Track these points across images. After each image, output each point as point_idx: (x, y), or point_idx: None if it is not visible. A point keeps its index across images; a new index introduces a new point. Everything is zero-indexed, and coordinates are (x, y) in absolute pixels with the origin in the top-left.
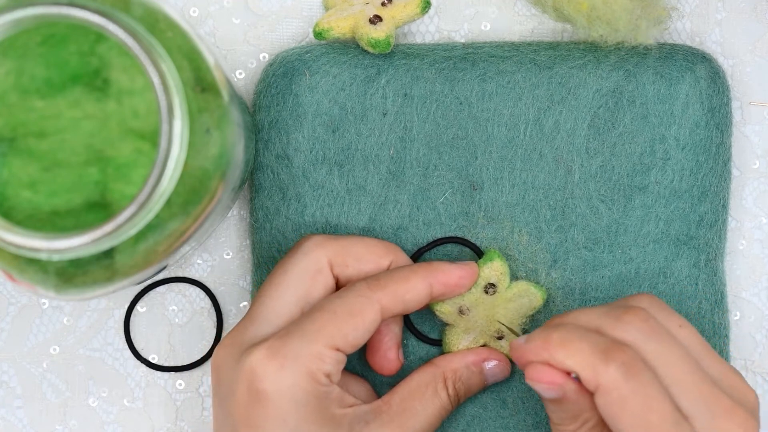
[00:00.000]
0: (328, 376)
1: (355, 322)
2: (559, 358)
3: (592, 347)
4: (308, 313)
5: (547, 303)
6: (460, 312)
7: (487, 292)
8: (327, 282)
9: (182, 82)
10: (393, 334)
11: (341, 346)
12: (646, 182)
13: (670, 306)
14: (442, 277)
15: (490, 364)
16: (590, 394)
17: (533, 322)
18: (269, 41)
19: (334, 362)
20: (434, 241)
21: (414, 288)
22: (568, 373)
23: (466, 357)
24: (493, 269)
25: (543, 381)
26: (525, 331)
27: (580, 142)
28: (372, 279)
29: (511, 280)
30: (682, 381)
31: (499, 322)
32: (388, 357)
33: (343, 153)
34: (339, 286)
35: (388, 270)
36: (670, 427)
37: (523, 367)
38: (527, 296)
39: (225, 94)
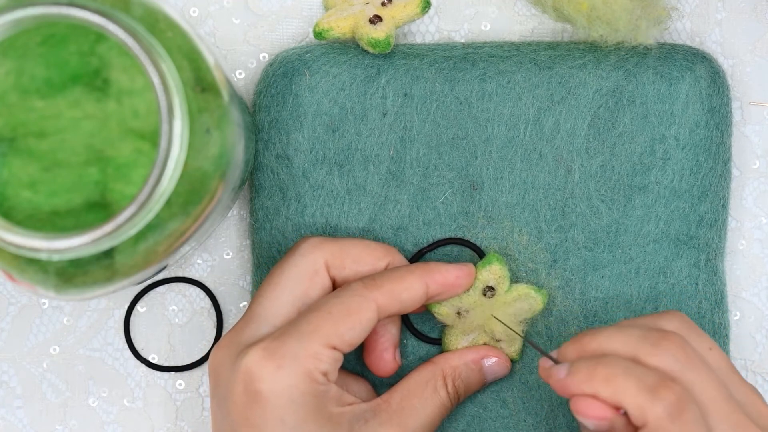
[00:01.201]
0: (325, 375)
1: (351, 321)
2: (605, 395)
3: (639, 384)
4: (304, 313)
5: (546, 303)
6: (459, 314)
7: (485, 295)
8: (324, 283)
9: (182, 82)
10: (390, 335)
11: (338, 345)
12: (646, 182)
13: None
14: (438, 277)
15: (490, 362)
16: (635, 428)
17: (533, 325)
18: (269, 41)
19: (331, 361)
20: (436, 242)
21: (410, 287)
22: (617, 408)
23: (465, 355)
24: (492, 272)
25: (593, 416)
26: (525, 333)
27: (580, 142)
28: (368, 278)
29: (512, 282)
30: (716, 411)
31: (496, 318)
32: (385, 358)
33: (343, 153)
34: (336, 287)
35: (385, 270)
36: None
37: (560, 393)
38: (527, 300)
39: (225, 94)
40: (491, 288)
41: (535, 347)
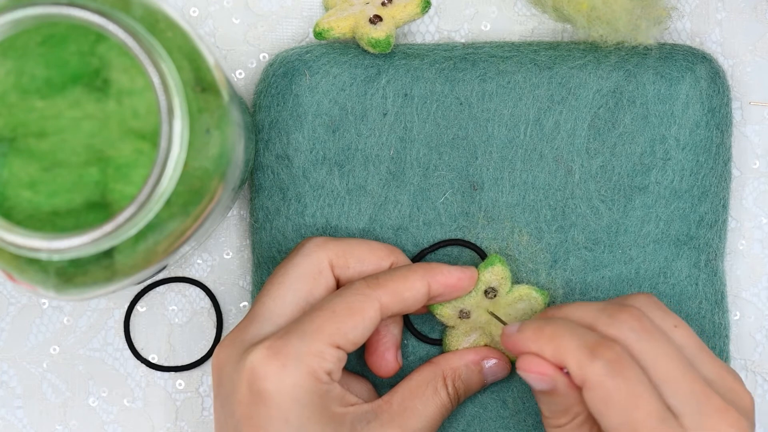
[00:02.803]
0: (329, 374)
1: (354, 320)
2: (547, 352)
3: (580, 343)
4: (308, 312)
5: (548, 303)
6: (460, 316)
7: (487, 296)
8: (328, 283)
9: (182, 82)
10: (392, 335)
11: (342, 344)
12: (646, 182)
13: (671, 306)
14: (440, 277)
15: (490, 363)
16: (580, 389)
17: None
18: (269, 41)
19: (335, 360)
20: (438, 243)
21: (413, 287)
22: (561, 368)
23: (465, 356)
24: (494, 273)
25: (533, 371)
26: None
27: (580, 143)
28: (371, 278)
29: (513, 283)
30: (672, 379)
31: (495, 316)
32: (386, 358)
33: (343, 153)
34: (340, 287)
35: (387, 270)
36: (655, 424)
37: (512, 352)
38: (528, 301)
39: (225, 94)
40: (493, 289)
41: (495, 317)
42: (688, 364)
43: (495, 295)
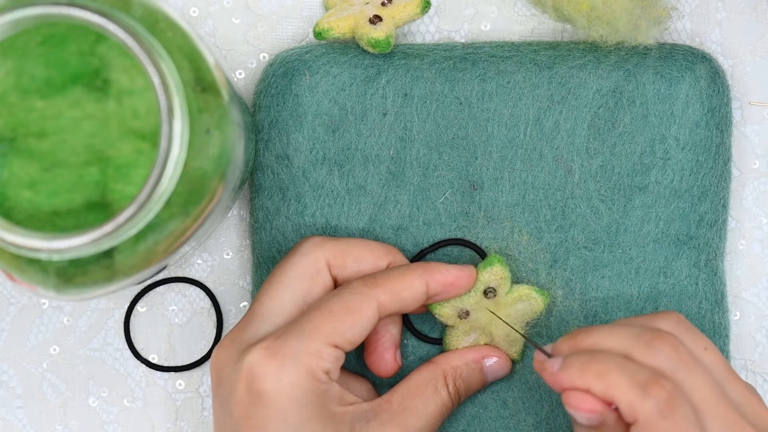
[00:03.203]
0: (327, 373)
1: (352, 319)
2: (597, 388)
3: (631, 380)
4: (306, 312)
5: (547, 303)
6: (460, 316)
7: (486, 296)
8: (326, 282)
9: (182, 82)
10: (390, 335)
11: (339, 343)
12: (646, 182)
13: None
14: (438, 276)
15: (490, 362)
16: (626, 424)
17: (534, 325)
18: (269, 41)
19: (333, 359)
20: (438, 243)
21: (411, 285)
22: (609, 403)
23: (465, 354)
24: (493, 273)
25: (584, 410)
26: (526, 334)
27: (580, 142)
28: (369, 277)
29: (513, 283)
30: (710, 410)
31: (495, 314)
32: (385, 358)
33: (343, 153)
34: (337, 287)
35: (385, 269)
36: None
37: (553, 387)
38: (528, 301)
39: (225, 94)
40: (492, 289)
41: (530, 342)
42: (722, 392)
43: (494, 295)
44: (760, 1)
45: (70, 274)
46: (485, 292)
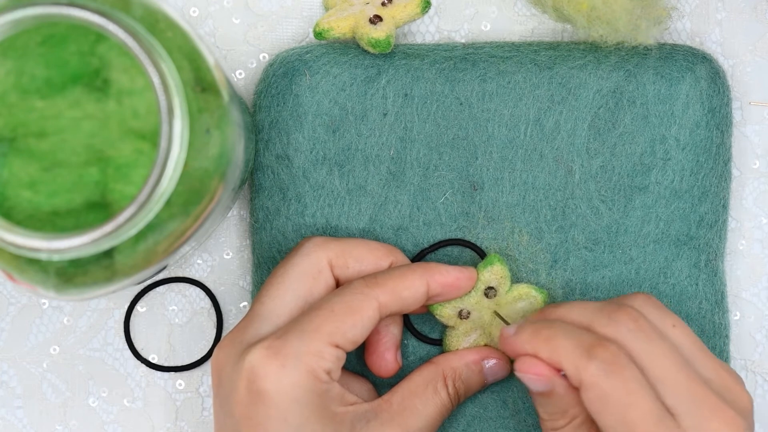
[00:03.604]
0: (328, 373)
1: (353, 319)
2: (544, 353)
3: (576, 343)
4: (307, 311)
5: (547, 302)
6: (460, 316)
7: (487, 296)
8: (327, 282)
9: (182, 82)
10: (391, 335)
11: (340, 343)
12: (646, 182)
13: (671, 306)
14: (439, 276)
15: (490, 363)
16: (578, 391)
17: None
18: (269, 41)
19: (334, 359)
20: (438, 243)
21: (411, 286)
22: (559, 370)
23: (465, 355)
24: (493, 273)
25: (530, 372)
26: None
27: (580, 143)
28: (369, 277)
29: (512, 282)
30: (668, 379)
31: (496, 313)
32: (386, 358)
33: (343, 153)
34: (339, 287)
35: (386, 269)
36: (652, 424)
37: (511, 356)
38: (528, 300)
39: (225, 94)
40: (493, 288)
41: (498, 316)
42: (686, 363)
43: (494, 295)
44: (760, 1)
45: (70, 274)
46: (485, 292)
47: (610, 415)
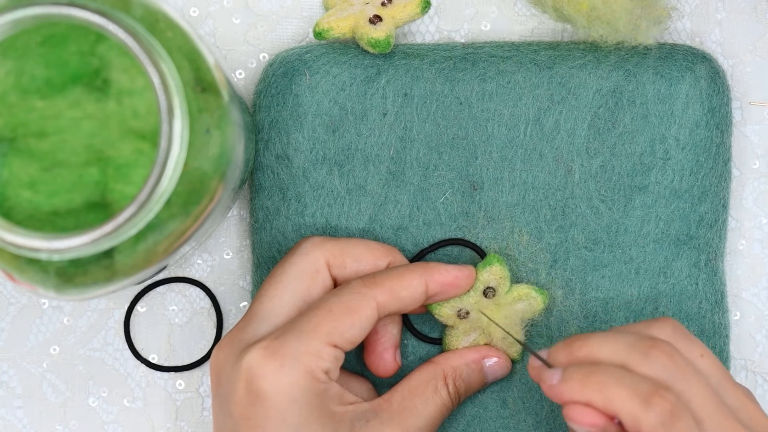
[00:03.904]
0: (327, 373)
1: (351, 318)
2: (597, 401)
3: (632, 392)
4: (305, 311)
5: (547, 303)
6: (459, 315)
7: (486, 296)
8: (325, 282)
9: (182, 82)
10: (390, 335)
11: (339, 342)
12: (646, 182)
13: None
14: (437, 276)
15: (490, 362)
16: None
17: (533, 325)
18: (269, 41)
19: (332, 359)
20: (438, 242)
21: (410, 285)
22: (610, 416)
23: (465, 355)
24: (493, 273)
25: (586, 424)
26: (526, 333)
27: (580, 142)
28: (368, 277)
29: (512, 283)
30: (708, 418)
31: (490, 319)
32: (385, 358)
33: (343, 153)
34: (337, 286)
35: (385, 269)
36: None
37: (553, 399)
38: (528, 300)
39: (225, 94)
40: (492, 289)
41: (526, 348)
42: (720, 400)
43: (494, 295)
44: (760, 1)
45: (70, 274)
46: (485, 292)
47: None
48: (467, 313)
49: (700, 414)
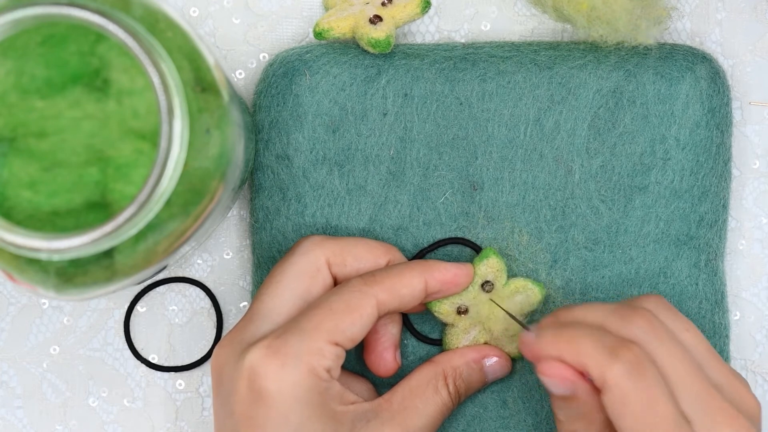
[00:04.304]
0: (328, 371)
1: (352, 317)
2: (568, 355)
3: (600, 345)
4: (305, 310)
5: (547, 303)
6: (459, 312)
7: (484, 290)
8: (325, 281)
9: (182, 82)
10: (390, 334)
11: (340, 341)
12: (646, 182)
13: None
14: (437, 273)
15: (491, 361)
16: (598, 394)
17: (532, 323)
18: (269, 41)
19: (333, 357)
20: (437, 242)
21: (409, 283)
22: (582, 374)
23: (466, 354)
24: (490, 266)
25: (554, 376)
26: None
27: (580, 142)
28: (367, 275)
29: (509, 276)
30: (683, 384)
31: (495, 302)
32: (385, 357)
33: (343, 153)
34: (337, 285)
35: (384, 267)
36: (671, 429)
37: (532, 360)
38: (525, 292)
39: (225, 94)
40: (489, 282)
41: (518, 322)
42: (698, 367)
43: (491, 289)
44: (760, 1)
45: (70, 274)
46: (483, 286)
47: (630, 417)
48: (466, 309)
49: (674, 377)
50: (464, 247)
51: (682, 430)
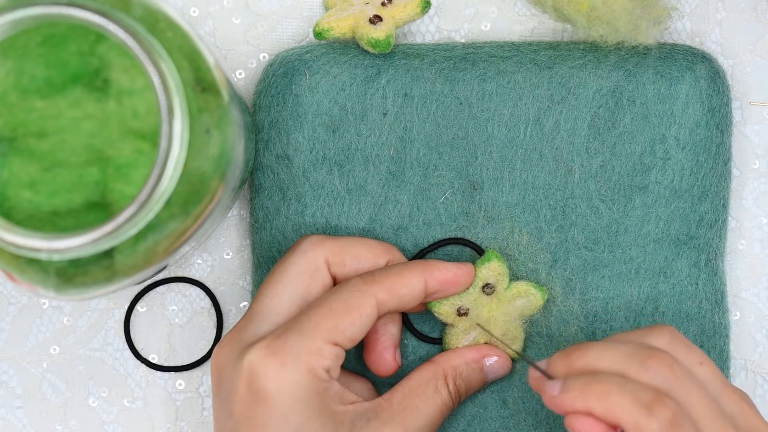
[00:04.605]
0: (328, 371)
1: (352, 316)
2: (599, 410)
3: (634, 400)
4: (305, 310)
5: (547, 303)
6: (459, 313)
7: (485, 293)
8: (325, 280)
9: (182, 82)
10: (390, 334)
11: (339, 340)
12: (646, 182)
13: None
14: (437, 273)
15: (491, 361)
16: None
17: (533, 325)
18: (269, 41)
19: (333, 357)
20: (438, 242)
21: (409, 283)
22: (612, 425)
23: (466, 354)
24: (491, 269)
25: None
26: (526, 333)
27: (580, 142)
28: (367, 274)
29: (511, 280)
30: (707, 427)
31: (481, 327)
32: (384, 357)
33: (343, 153)
34: (336, 285)
35: (384, 267)
36: None
37: (555, 411)
38: (527, 297)
39: (225, 94)
40: (490, 285)
41: (523, 359)
42: (719, 408)
43: (492, 292)
44: (760, 1)
45: (70, 274)
46: (483, 289)
47: None
48: (466, 310)
49: (700, 423)
50: (464, 247)
51: None
